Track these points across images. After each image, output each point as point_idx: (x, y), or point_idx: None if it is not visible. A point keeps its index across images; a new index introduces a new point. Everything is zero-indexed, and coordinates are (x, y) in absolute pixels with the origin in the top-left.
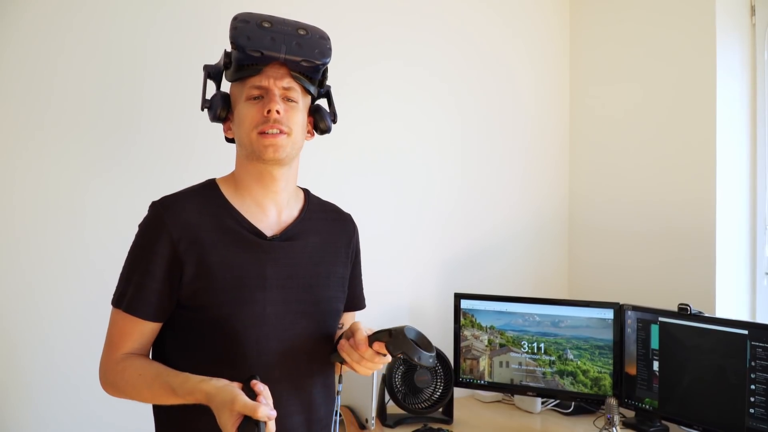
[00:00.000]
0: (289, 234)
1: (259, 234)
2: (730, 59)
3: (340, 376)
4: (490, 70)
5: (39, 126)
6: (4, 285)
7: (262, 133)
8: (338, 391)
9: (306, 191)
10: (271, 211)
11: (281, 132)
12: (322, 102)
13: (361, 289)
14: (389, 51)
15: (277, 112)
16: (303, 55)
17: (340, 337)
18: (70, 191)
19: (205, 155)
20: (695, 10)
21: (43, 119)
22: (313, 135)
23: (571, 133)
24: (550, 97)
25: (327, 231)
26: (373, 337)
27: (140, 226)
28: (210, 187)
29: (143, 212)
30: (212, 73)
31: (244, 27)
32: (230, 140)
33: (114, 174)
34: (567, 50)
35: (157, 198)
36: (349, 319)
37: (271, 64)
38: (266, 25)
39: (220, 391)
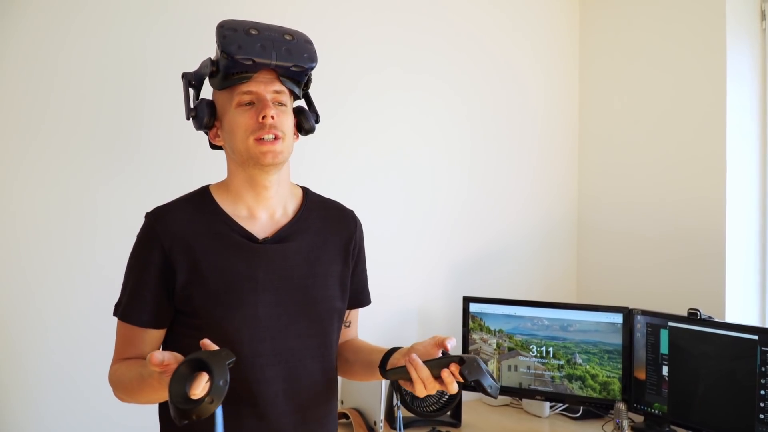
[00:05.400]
0: (282, 235)
1: (250, 237)
2: (740, 64)
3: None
4: (499, 73)
5: (44, 129)
6: (8, 287)
7: (259, 140)
8: (398, 406)
9: (305, 189)
10: (263, 214)
11: (276, 137)
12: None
13: (366, 285)
14: (396, 55)
15: (272, 117)
16: (293, 61)
17: (387, 356)
18: (74, 194)
19: (210, 158)
20: (705, 15)
21: (48, 123)
22: (297, 137)
23: (580, 136)
24: (559, 101)
25: (326, 228)
26: (442, 361)
27: (137, 236)
28: (202, 194)
29: None
30: (193, 80)
31: (233, 35)
32: (215, 147)
33: (120, 178)
34: (576, 54)
35: (162, 201)
36: (354, 315)
37: (260, 71)
38: (254, 32)
39: None
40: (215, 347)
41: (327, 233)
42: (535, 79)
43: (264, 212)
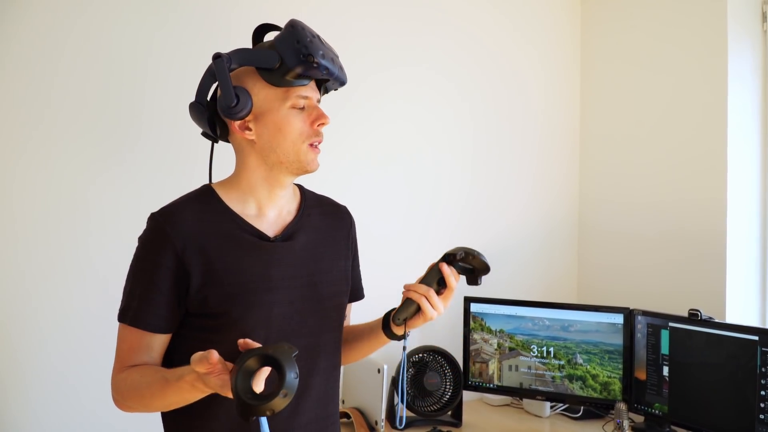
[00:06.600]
0: (289, 232)
1: (261, 236)
2: (741, 65)
3: (405, 334)
4: (501, 74)
5: (41, 127)
6: (6, 288)
7: (312, 146)
8: (404, 347)
9: (300, 187)
10: (272, 212)
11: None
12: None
13: (360, 279)
14: (400, 56)
15: None
16: (343, 77)
17: (385, 321)
18: (73, 195)
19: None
20: (706, 16)
21: (45, 120)
22: None
23: (581, 136)
24: (560, 101)
25: (326, 225)
26: (432, 270)
27: (140, 239)
28: (206, 192)
29: (146, 215)
30: (233, 65)
31: (314, 41)
32: (209, 137)
33: (116, 176)
34: (578, 55)
35: (159, 202)
36: (349, 309)
37: (314, 78)
38: (325, 42)
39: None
40: (256, 344)
41: (328, 229)
42: (536, 81)
43: (273, 210)
